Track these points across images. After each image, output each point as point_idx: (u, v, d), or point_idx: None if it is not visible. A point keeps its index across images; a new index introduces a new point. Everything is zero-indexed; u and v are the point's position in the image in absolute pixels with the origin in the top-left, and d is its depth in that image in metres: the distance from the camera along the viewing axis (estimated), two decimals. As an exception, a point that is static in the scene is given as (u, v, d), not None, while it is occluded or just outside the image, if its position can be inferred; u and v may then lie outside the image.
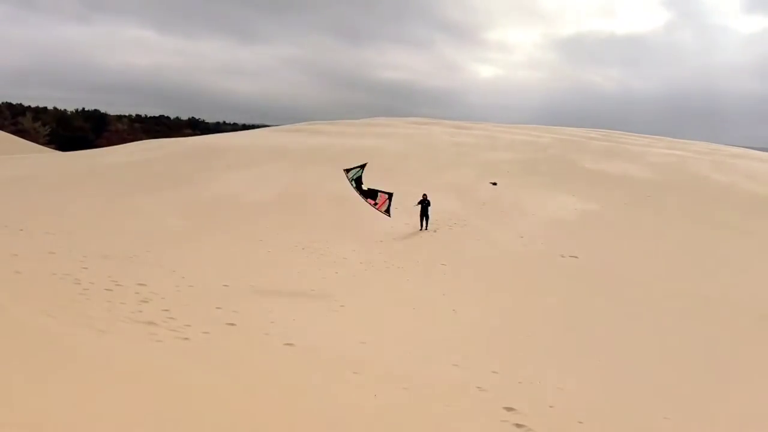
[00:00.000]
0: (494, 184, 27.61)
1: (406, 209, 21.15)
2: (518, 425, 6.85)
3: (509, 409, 7.30)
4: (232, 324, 9.61)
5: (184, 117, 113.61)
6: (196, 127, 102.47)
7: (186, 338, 8.26)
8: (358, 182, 14.79)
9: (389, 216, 14.83)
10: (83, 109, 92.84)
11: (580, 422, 7.30)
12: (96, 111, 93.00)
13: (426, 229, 20.04)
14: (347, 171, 15.00)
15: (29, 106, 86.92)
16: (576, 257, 17.56)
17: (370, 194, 14.93)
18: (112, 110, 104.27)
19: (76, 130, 79.41)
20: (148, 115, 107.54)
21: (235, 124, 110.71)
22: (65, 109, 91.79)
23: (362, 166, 15.10)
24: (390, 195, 14.99)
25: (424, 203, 20.18)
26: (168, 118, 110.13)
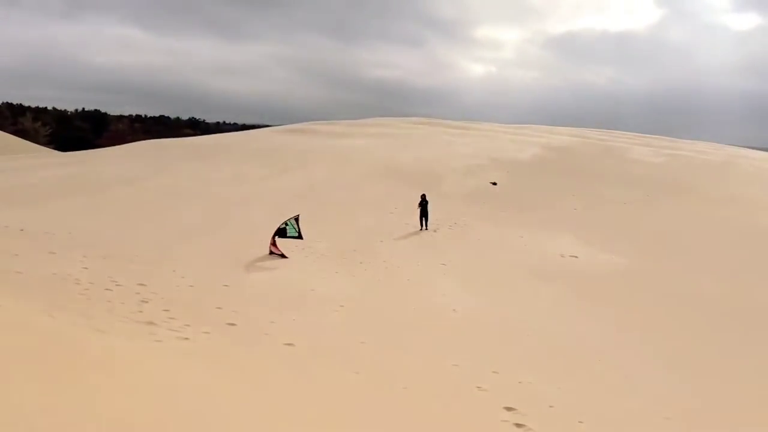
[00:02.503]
0: (494, 183, 27.64)
1: (405, 210, 21.19)
2: (518, 425, 6.86)
3: (509, 408, 7.31)
4: (233, 324, 9.62)
5: (185, 117, 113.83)
6: (196, 127, 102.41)
7: (186, 338, 8.26)
8: (282, 232, 16.08)
9: (284, 257, 15.50)
10: (83, 109, 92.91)
11: (580, 422, 7.30)
12: (96, 111, 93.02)
13: (426, 229, 20.05)
14: (285, 223, 16.35)
15: (29, 106, 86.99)
16: (576, 257, 17.58)
17: (278, 233, 16.03)
18: (112, 110, 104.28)
19: (76, 130, 79.37)
20: (148, 115, 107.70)
21: (235, 124, 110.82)
22: (65, 110, 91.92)
23: (296, 219, 16.61)
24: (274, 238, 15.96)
25: (423, 203, 20.20)
26: (168, 118, 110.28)
